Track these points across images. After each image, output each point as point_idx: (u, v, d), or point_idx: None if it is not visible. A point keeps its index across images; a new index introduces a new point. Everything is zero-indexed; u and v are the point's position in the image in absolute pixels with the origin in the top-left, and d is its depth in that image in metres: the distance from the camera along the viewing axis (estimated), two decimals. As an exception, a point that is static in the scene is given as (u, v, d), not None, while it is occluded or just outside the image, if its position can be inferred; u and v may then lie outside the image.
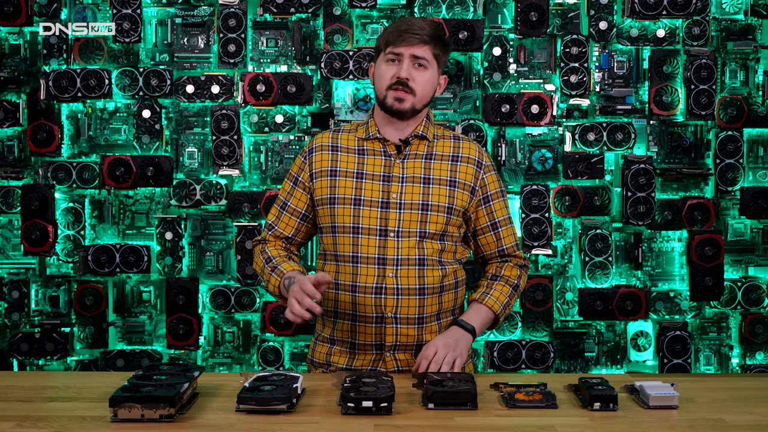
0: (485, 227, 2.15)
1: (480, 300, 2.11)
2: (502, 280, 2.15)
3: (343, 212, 2.06)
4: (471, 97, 3.28)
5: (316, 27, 3.26)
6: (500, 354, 3.19)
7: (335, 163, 2.11)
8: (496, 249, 2.17)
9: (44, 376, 2.32)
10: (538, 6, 3.14)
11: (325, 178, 2.11)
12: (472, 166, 2.12)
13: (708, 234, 3.17)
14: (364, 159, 2.10)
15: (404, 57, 2.04)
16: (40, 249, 3.20)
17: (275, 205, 2.19)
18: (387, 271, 2.03)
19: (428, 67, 2.06)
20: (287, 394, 1.66)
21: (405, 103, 2.05)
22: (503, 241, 2.17)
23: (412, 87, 2.05)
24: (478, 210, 2.14)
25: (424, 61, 2.05)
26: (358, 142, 2.13)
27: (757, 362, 3.28)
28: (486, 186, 2.14)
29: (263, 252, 2.15)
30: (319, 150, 2.14)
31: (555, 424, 1.60)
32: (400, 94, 2.05)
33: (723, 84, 3.28)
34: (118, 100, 3.28)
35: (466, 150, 2.14)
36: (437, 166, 2.10)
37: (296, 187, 2.15)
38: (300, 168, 2.16)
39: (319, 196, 2.11)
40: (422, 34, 2.04)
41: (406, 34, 2.03)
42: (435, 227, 2.06)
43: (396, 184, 2.06)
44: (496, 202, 2.15)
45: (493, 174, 2.17)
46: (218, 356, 3.30)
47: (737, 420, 1.64)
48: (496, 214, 2.15)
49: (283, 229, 2.16)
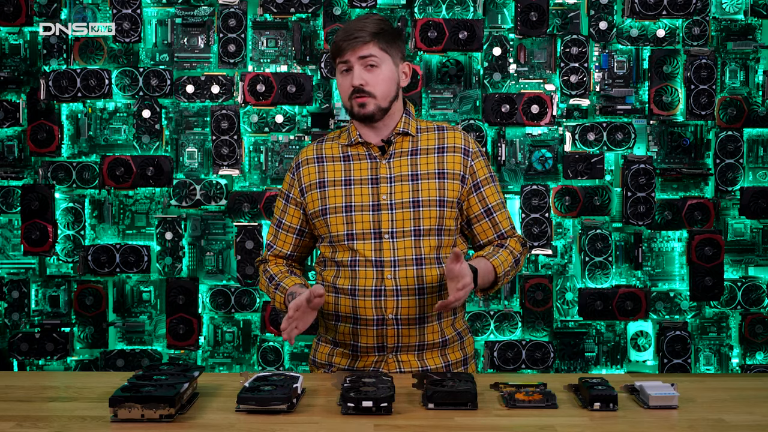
0: (479, 214, 2.12)
1: (487, 257, 2.07)
2: (507, 249, 2.12)
3: (336, 221, 2.06)
4: (471, 97, 3.28)
5: (316, 27, 3.26)
6: (500, 354, 3.19)
7: (323, 174, 2.11)
8: (494, 234, 2.14)
9: (44, 376, 2.32)
10: (538, 6, 3.14)
11: (315, 190, 2.10)
12: (459, 154, 2.10)
13: (708, 234, 3.17)
14: (350, 165, 2.10)
15: (353, 62, 2.03)
16: (40, 249, 3.20)
17: (272, 224, 2.21)
18: (385, 273, 2.02)
19: (379, 64, 2.04)
20: (287, 394, 1.66)
21: (368, 107, 2.04)
22: (500, 226, 2.14)
23: (370, 90, 2.03)
24: (470, 198, 2.11)
25: (373, 59, 2.03)
26: (342, 149, 2.13)
27: (757, 362, 3.28)
28: (475, 173, 2.11)
29: (266, 271, 2.17)
30: (305, 164, 2.14)
31: (555, 424, 1.60)
32: (361, 100, 2.04)
33: (723, 84, 3.28)
34: (118, 100, 3.28)
35: (451, 139, 2.12)
36: (424, 161, 2.09)
37: (288, 204, 2.16)
38: (290, 185, 2.16)
39: (312, 209, 2.11)
40: (362, 34, 2.01)
41: (347, 41, 2.02)
42: (429, 222, 2.05)
43: (385, 185, 2.06)
44: (487, 187, 2.12)
45: (482, 160, 2.13)
46: (218, 356, 3.30)
47: (737, 420, 1.64)
48: (489, 200, 2.12)
49: (281, 247, 2.17)
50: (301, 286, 2.05)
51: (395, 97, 2.09)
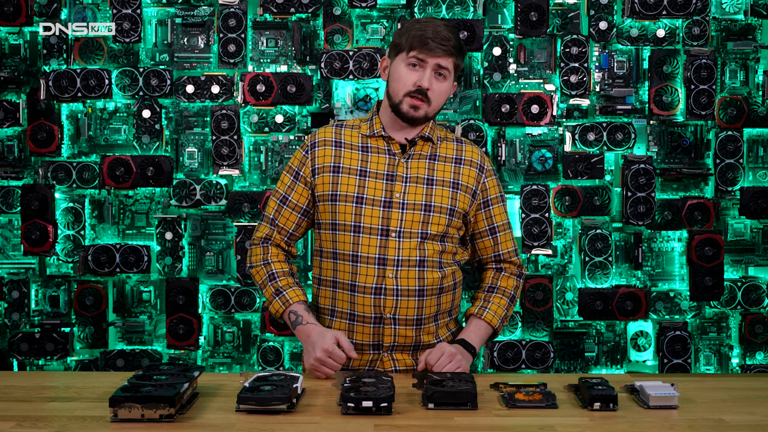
0: (483, 231, 2.15)
1: (479, 315, 2.11)
2: (499, 292, 2.15)
3: (345, 210, 2.05)
4: (471, 97, 3.28)
5: (316, 27, 3.26)
6: (500, 354, 3.19)
7: (338, 159, 2.10)
8: (492, 254, 2.17)
9: (44, 376, 2.32)
10: (538, 6, 3.14)
11: (328, 174, 2.09)
12: (474, 169, 2.13)
13: (708, 234, 3.17)
14: (367, 156, 2.09)
15: (428, 66, 2.02)
16: (40, 249, 3.20)
17: (273, 199, 2.16)
18: (387, 271, 2.03)
19: (447, 77, 2.06)
20: (287, 394, 1.66)
21: (420, 111, 2.05)
22: (500, 246, 2.16)
23: (430, 97, 2.04)
24: (477, 214, 2.14)
25: (446, 71, 2.05)
26: (361, 138, 2.12)
27: (757, 362, 3.28)
28: (487, 190, 2.14)
29: (267, 263, 2.13)
30: (322, 145, 2.13)
31: (555, 424, 1.60)
32: (417, 102, 2.03)
33: (723, 84, 3.28)
34: (118, 100, 3.28)
35: (469, 153, 2.15)
36: (441, 168, 2.10)
37: (297, 181, 2.13)
38: (301, 162, 2.14)
39: (321, 192, 2.09)
40: (448, 45, 2.02)
41: (433, 43, 2.00)
42: (437, 228, 2.06)
43: (400, 184, 2.06)
44: (496, 206, 2.16)
45: (494, 179, 2.17)
46: (218, 356, 3.30)
47: (737, 420, 1.64)
48: (495, 219, 2.15)
49: (283, 224, 2.15)
50: (304, 306, 2.06)
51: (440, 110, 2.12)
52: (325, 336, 1.96)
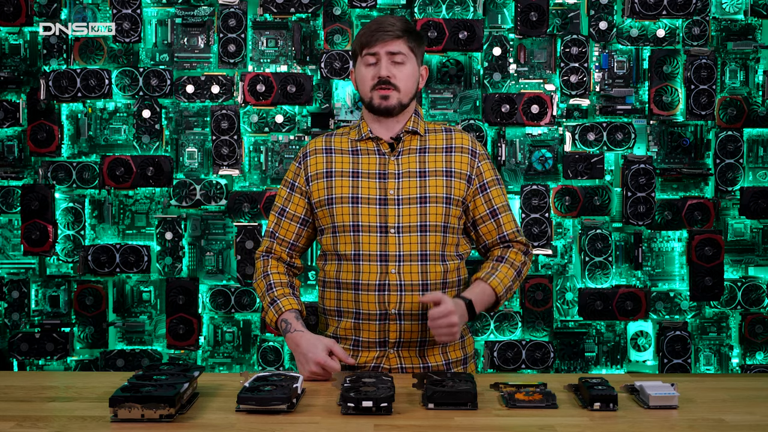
0: (485, 215, 2.15)
1: (485, 279, 2.10)
2: (506, 263, 2.14)
3: (342, 211, 2.07)
4: (471, 97, 3.28)
5: (316, 27, 3.26)
6: (500, 354, 3.19)
7: (330, 165, 2.13)
8: (497, 236, 2.17)
9: (44, 376, 2.32)
10: (538, 6, 3.14)
11: (321, 180, 2.12)
12: (466, 155, 2.14)
13: (708, 234, 3.17)
14: (358, 159, 2.12)
15: (381, 56, 2.07)
16: (40, 249, 3.20)
17: (273, 213, 2.20)
18: (389, 267, 2.04)
19: (406, 61, 2.09)
20: (287, 394, 1.66)
21: (391, 99, 2.08)
22: (504, 228, 2.16)
23: (395, 83, 2.08)
24: (476, 198, 2.14)
25: (401, 56, 2.08)
26: (351, 143, 2.16)
27: (757, 362, 3.28)
28: (482, 174, 2.14)
29: (266, 275, 2.15)
30: (313, 154, 2.16)
31: (555, 424, 1.60)
32: (384, 91, 2.08)
33: (723, 84, 3.28)
34: (118, 100, 3.28)
35: (459, 140, 2.16)
36: (432, 159, 2.11)
37: (293, 192, 2.17)
38: (295, 173, 2.18)
39: (317, 198, 2.12)
40: (394, 29, 2.07)
41: (378, 33, 2.06)
42: (435, 219, 2.07)
43: (392, 181, 2.08)
44: (494, 189, 2.16)
45: (488, 162, 2.17)
46: (218, 356, 3.30)
47: (737, 420, 1.64)
48: (495, 201, 2.15)
49: (283, 235, 2.17)
50: (295, 315, 2.07)
51: (414, 96, 2.14)
52: (316, 347, 1.96)
